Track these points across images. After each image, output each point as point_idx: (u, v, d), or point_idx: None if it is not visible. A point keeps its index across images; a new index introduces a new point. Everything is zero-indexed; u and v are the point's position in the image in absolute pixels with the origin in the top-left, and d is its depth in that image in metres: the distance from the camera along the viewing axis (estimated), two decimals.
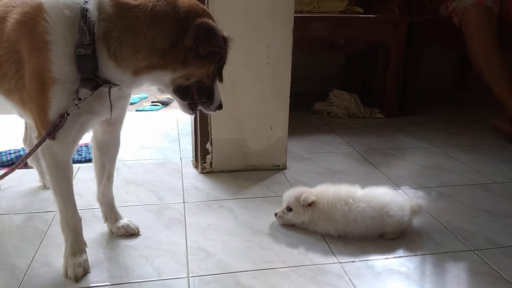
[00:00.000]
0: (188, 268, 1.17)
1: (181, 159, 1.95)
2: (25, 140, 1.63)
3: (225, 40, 1.06)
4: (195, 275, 1.15)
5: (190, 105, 1.11)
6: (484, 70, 2.35)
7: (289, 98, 1.76)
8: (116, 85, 1.03)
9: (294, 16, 1.68)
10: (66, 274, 1.12)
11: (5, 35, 1.01)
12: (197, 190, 1.64)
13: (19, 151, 1.98)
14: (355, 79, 3.14)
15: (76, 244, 1.16)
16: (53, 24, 0.95)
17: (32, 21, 0.97)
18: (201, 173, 1.78)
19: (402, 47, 2.56)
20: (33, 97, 1.01)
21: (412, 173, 1.83)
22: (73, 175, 1.20)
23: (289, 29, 1.68)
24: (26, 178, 1.68)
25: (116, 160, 1.32)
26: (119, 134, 1.27)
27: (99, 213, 1.37)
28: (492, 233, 1.38)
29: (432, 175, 1.81)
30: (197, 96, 1.09)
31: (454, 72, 3.34)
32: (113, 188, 1.34)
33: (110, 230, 1.34)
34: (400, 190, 1.65)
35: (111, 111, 1.09)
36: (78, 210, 1.17)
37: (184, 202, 1.54)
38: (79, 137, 1.09)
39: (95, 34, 0.95)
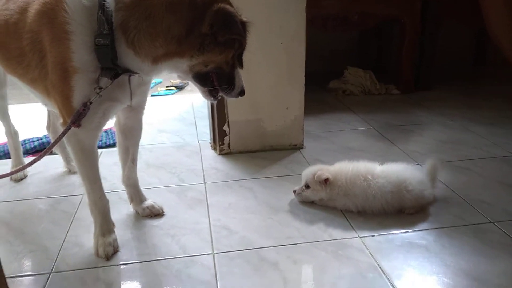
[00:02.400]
0: (212, 245, 1.22)
1: (198, 142, 1.98)
2: (48, 127, 1.68)
3: (244, 25, 1.05)
4: (219, 251, 1.19)
5: (211, 92, 1.12)
6: (503, 42, 2.30)
7: (304, 78, 1.76)
8: (135, 73, 1.05)
9: None
10: (97, 253, 1.18)
11: (27, 25, 1.04)
12: (216, 171, 1.67)
13: (41, 139, 2.04)
14: (370, 55, 3.11)
15: (105, 224, 1.21)
16: (72, 14, 0.98)
17: (52, 11, 0.99)
18: (219, 154, 1.81)
19: (418, 21, 2.52)
20: (56, 86, 1.04)
21: (430, 148, 1.83)
22: None
23: (302, 7, 1.67)
24: (52, 164, 1.73)
25: None
26: (141, 119, 1.30)
27: (124, 195, 1.41)
28: (511, 205, 1.38)
29: (450, 150, 1.81)
30: (217, 82, 1.09)
31: (471, 46, 3.28)
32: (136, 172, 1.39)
33: (136, 211, 1.38)
34: (419, 165, 1.65)
35: (131, 99, 1.12)
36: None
37: (204, 182, 1.58)
38: (103, 123, 1.12)
39: (113, 24, 0.97)
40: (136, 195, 1.38)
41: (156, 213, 1.37)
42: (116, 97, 1.09)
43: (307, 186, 1.41)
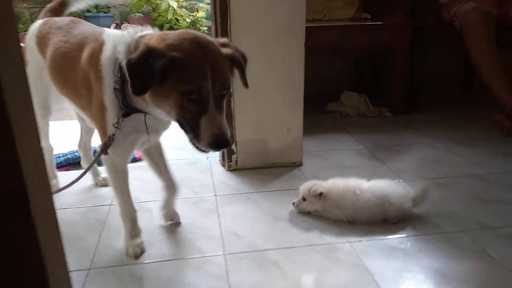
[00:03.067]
0: (224, 247, 1.44)
1: (208, 159, 2.21)
2: (80, 146, 1.90)
3: (170, 62, 1.01)
4: (230, 252, 1.41)
5: (190, 140, 1.12)
6: (482, 71, 2.55)
7: (303, 104, 2.00)
8: (147, 112, 1.22)
9: (306, 26, 1.92)
10: (127, 253, 1.40)
11: (82, 62, 1.27)
12: (225, 185, 1.90)
13: (66, 155, 2.26)
14: (365, 80, 3.36)
15: (133, 229, 1.43)
16: (104, 63, 1.19)
17: (96, 58, 1.22)
18: (228, 170, 2.04)
19: (407, 50, 2.77)
20: (97, 118, 1.28)
21: (414, 166, 2.06)
22: None
23: (302, 43, 1.92)
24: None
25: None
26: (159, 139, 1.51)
27: (146, 205, 1.64)
28: (482, 217, 1.60)
29: (433, 168, 2.04)
30: (186, 129, 1.10)
31: (460, 71, 3.52)
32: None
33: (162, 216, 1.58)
34: (402, 182, 1.88)
35: (148, 133, 1.28)
36: None
37: (215, 195, 1.80)
38: (131, 150, 1.33)
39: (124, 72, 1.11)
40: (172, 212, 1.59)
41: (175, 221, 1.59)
42: (140, 130, 1.27)
43: (304, 199, 1.63)
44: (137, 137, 1.30)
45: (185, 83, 1.03)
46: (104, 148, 1.26)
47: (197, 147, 1.10)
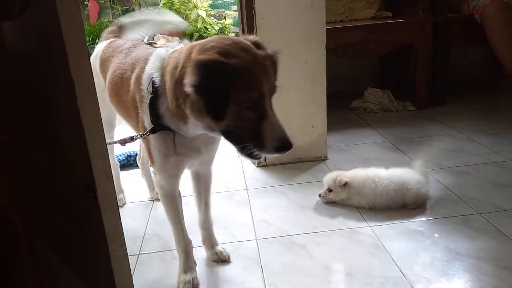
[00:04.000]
0: (255, 233, 1.61)
1: (239, 157, 2.37)
2: (139, 159, 2.00)
3: (232, 70, 0.95)
4: (261, 238, 1.57)
5: (242, 150, 1.04)
6: (505, 61, 2.60)
7: (326, 102, 2.14)
8: (175, 131, 1.15)
9: (328, 28, 2.06)
10: None
11: (131, 85, 1.28)
12: (256, 180, 2.06)
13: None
14: (389, 76, 3.44)
15: (187, 262, 1.36)
16: (144, 83, 1.18)
17: (139, 79, 1.21)
18: (257, 166, 2.21)
19: (429, 45, 2.85)
20: (143, 139, 1.27)
21: (435, 156, 2.15)
22: None
23: (323, 46, 2.07)
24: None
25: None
26: (210, 169, 1.43)
27: (185, 200, 1.82)
28: (498, 200, 1.69)
29: (453, 157, 2.12)
30: (242, 139, 1.01)
31: (486, 61, 3.53)
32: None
33: (206, 254, 1.49)
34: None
35: (175, 151, 1.19)
36: None
37: (247, 189, 1.97)
38: (177, 173, 1.26)
39: (157, 89, 1.12)
40: (208, 238, 1.48)
41: (223, 259, 1.45)
42: (184, 153, 1.21)
43: (330, 190, 1.76)
44: (180, 161, 1.23)
45: (248, 92, 0.96)
46: (123, 142, 1.27)
47: (252, 155, 1.03)
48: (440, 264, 1.37)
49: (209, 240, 1.48)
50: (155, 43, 4.03)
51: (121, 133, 1.50)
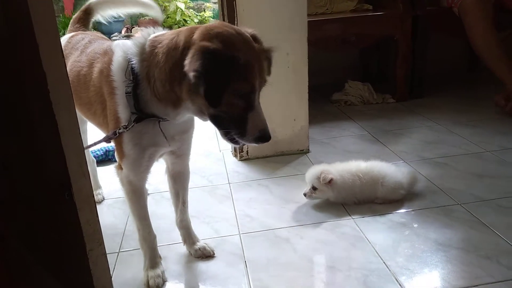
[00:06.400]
0: (238, 228, 1.59)
1: (220, 151, 2.35)
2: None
3: (234, 60, 0.98)
4: (244, 232, 1.56)
5: (225, 134, 1.08)
6: (483, 54, 2.64)
7: (307, 94, 2.13)
8: (163, 118, 1.13)
9: (309, 21, 2.04)
10: (147, 285, 1.31)
11: (93, 79, 1.24)
12: (238, 174, 2.04)
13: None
14: (370, 69, 3.46)
15: (153, 258, 1.35)
16: (115, 72, 1.14)
17: (106, 70, 1.17)
18: (239, 160, 2.18)
19: (409, 38, 2.87)
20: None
21: (415, 148, 2.17)
22: None
23: (304, 38, 2.05)
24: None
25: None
26: (187, 164, 1.40)
27: (166, 195, 1.79)
28: (477, 191, 1.72)
29: (433, 149, 2.15)
30: (226, 125, 1.05)
31: (463, 55, 3.58)
32: None
33: (189, 252, 1.46)
34: (403, 162, 1.99)
35: (166, 139, 1.19)
36: None
37: (229, 183, 1.95)
38: (149, 166, 1.23)
39: (137, 74, 1.08)
40: (188, 236, 1.46)
41: (207, 255, 1.44)
42: (157, 142, 1.19)
43: (314, 188, 1.66)
44: (154, 151, 1.22)
45: (244, 84, 1.01)
46: (107, 139, 1.20)
47: (233, 141, 1.08)
48: (423, 255, 1.38)
49: (190, 238, 1.47)
50: (133, 36, 3.95)
51: (94, 128, 1.45)
